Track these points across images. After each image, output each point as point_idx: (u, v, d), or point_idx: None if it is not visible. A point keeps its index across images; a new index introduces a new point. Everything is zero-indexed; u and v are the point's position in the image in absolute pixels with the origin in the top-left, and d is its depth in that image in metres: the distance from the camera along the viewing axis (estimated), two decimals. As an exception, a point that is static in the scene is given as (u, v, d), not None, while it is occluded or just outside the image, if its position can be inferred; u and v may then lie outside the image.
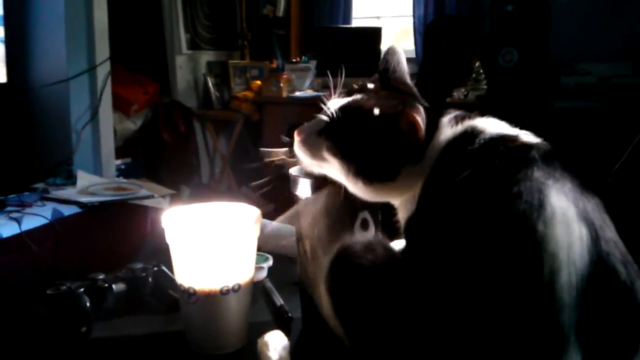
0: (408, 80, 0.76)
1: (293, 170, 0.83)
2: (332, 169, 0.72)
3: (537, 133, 0.66)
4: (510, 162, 0.59)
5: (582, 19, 3.50)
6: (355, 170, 0.70)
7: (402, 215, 0.71)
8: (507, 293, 0.53)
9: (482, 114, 0.70)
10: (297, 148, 0.74)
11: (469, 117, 0.69)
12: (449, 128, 0.69)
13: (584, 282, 0.52)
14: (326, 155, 0.72)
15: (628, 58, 3.27)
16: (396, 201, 0.73)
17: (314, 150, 0.73)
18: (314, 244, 0.77)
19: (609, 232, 0.56)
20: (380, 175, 0.69)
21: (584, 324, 0.51)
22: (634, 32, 3.35)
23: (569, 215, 0.54)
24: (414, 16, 4.03)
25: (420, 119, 0.65)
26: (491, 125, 0.66)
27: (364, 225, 0.77)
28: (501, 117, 0.69)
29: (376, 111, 0.68)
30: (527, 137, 0.65)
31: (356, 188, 0.71)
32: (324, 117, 0.72)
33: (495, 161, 0.59)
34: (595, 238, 0.54)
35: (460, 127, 0.68)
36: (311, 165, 0.74)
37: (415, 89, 0.76)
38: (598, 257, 0.53)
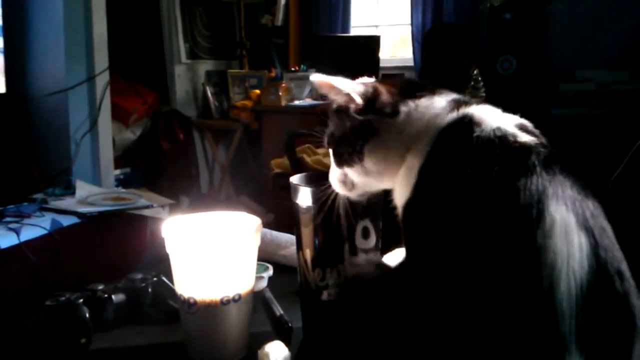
0: None
1: (294, 179, 0.83)
2: (360, 177, 0.72)
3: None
4: (510, 169, 0.58)
5: (580, 27, 3.51)
6: (350, 152, 0.70)
7: (398, 202, 0.70)
8: (507, 304, 0.53)
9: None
10: (340, 191, 0.76)
11: (466, 104, 0.68)
12: (443, 108, 0.68)
13: (583, 290, 0.52)
14: (349, 172, 0.72)
15: (626, 65, 3.29)
16: (393, 182, 0.71)
17: (342, 180, 0.74)
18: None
19: (606, 239, 0.56)
20: (363, 134, 0.69)
21: (585, 332, 0.51)
22: (631, 39, 3.37)
23: (568, 225, 0.54)
24: (412, 24, 4.04)
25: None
26: (489, 116, 0.65)
27: (365, 234, 0.77)
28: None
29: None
30: (526, 133, 0.63)
31: (364, 175, 0.71)
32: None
33: (495, 167, 0.59)
34: (594, 246, 0.54)
35: (456, 114, 0.66)
36: (352, 193, 0.75)
37: None
38: (597, 265, 0.53)
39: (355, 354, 0.66)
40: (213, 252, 0.75)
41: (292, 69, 4.03)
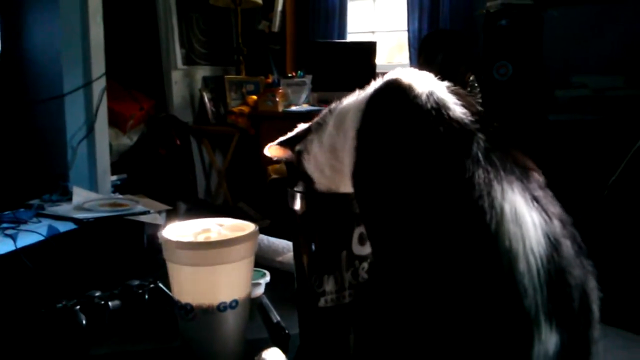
0: None
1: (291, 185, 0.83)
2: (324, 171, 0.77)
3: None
4: (456, 159, 0.59)
5: (575, 32, 3.53)
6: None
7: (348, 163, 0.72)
8: (468, 293, 0.54)
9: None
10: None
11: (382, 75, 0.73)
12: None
13: (544, 264, 0.54)
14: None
15: (621, 70, 3.30)
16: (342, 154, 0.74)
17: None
18: None
19: (552, 208, 0.58)
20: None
21: (553, 302, 0.53)
22: (626, 44, 3.38)
23: (518, 207, 0.55)
24: (408, 31, 4.05)
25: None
26: (416, 79, 0.67)
27: (362, 240, 0.77)
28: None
29: None
30: (460, 105, 0.64)
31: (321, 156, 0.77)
32: None
33: (438, 160, 0.60)
34: (547, 219, 0.56)
35: (379, 82, 0.70)
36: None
37: None
38: (554, 237, 0.55)
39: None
40: (210, 258, 0.75)
41: (289, 74, 4.03)
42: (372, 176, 0.66)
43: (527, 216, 0.55)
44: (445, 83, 0.68)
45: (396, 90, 0.67)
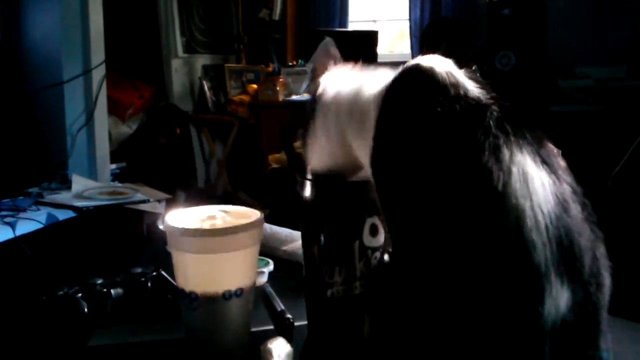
0: None
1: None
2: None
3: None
4: (469, 130, 0.60)
5: (579, 23, 3.51)
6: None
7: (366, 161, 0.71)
8: (477, 252, 0.55)
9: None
10: None
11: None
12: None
13: (553, 221, 0.54)
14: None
15: (623, 61, 3.28)
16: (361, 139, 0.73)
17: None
18: None
19: (564, 174, 0.59)
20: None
21: (565, 260, 0.53)
22: (629, 35, 3.36)
23: (526, 168, 0.56)
24: (410, 19, 4.04)
25: None
26: (437, 63, 0.68)
27: (373, 231, 0.76)
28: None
29: None
30: (475, 85, 0.66)
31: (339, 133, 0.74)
32: None
33: (455, 126, 0.61)
34: (557, 181, 0.57)
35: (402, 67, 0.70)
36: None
37: None
38: (563, 198, 0.56)
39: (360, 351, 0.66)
40: (216, 246, 0.74)
41: (290, 63, 4.01)
42: (393, 159, 0.66)
43: (535, 176, 0.56)
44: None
45: (417, 72, 0.68)
